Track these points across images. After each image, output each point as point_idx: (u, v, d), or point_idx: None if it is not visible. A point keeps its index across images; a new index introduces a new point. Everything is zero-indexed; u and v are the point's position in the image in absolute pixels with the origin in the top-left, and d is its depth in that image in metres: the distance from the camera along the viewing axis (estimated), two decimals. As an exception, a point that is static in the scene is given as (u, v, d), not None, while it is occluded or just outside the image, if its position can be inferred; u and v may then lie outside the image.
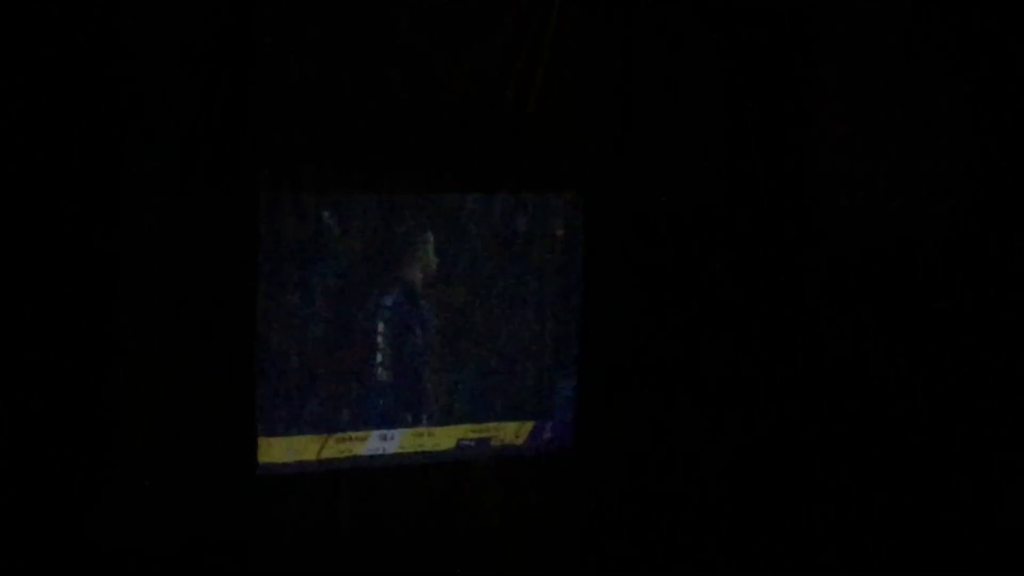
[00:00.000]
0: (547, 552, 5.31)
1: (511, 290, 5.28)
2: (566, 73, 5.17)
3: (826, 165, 5.45)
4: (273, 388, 4.92)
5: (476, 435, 5.27)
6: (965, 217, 5.43)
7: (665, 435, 5.41)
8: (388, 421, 5.13)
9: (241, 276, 4.75)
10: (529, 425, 5.35)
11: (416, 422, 5.19)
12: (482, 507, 5.24)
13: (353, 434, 5.09)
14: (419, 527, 5.15)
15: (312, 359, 4.99)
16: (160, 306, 4.63)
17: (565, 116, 5.20)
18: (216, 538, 4.73)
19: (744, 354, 5.44)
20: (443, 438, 5.24)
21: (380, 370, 5.11)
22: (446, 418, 5.22)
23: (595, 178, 5.31)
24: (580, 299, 5.34)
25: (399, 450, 5.16)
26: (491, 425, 5.29)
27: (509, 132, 5.13)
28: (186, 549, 4.69)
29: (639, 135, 5.31)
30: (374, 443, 5.12)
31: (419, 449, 5.19)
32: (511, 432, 5.33)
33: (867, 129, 5.43)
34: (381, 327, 5.10)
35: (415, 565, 5.11)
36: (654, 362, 5.39)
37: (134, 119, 4.51)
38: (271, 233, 4.85)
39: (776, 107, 5.41)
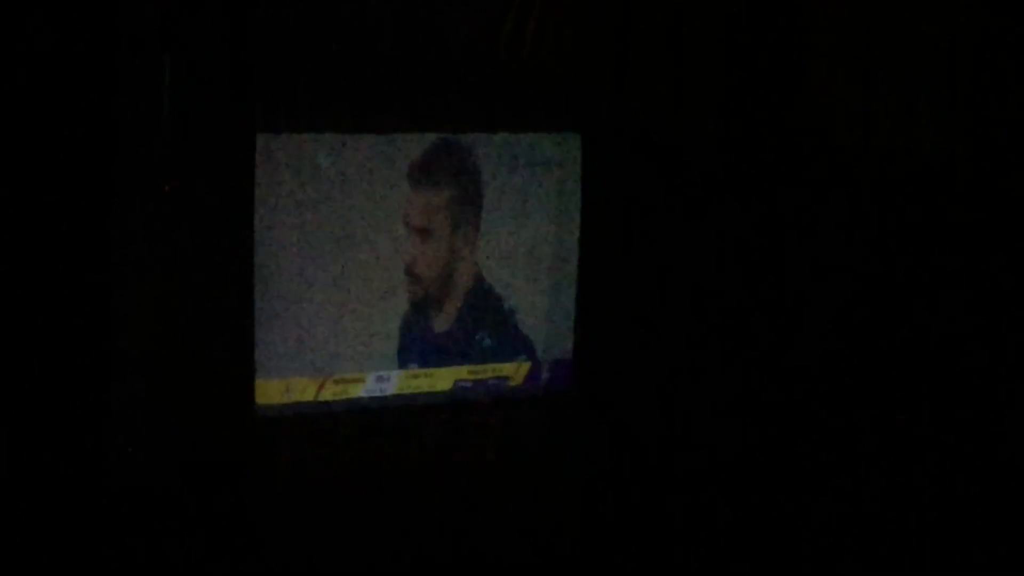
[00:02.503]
0: (545, 493, 5.31)
1: (507, 231, 5.25)
2: (563, 12, 5.14)
3: (826, 100, 5.43)
4: (270, 330, 4.90)
5: (473, 376, 5.27)
6: (966, 151, 5.41)
7: (664, 375, 5.41)
8: (385, 363, 5.12)
9: (238, 217, 4.73)
10: (526, 366, 5.35)
11: (412, 364, 5.18)
12: (479, 448, 5.25)
13: (350, 376, 5.08)
14: (416, 467, 5.15)
15: (308, 300, 4.97)
16: (156, 249, 4.60)
17: (562, 56, 5.17)
18: (214, 480, 4.73)
19: (744, 292, 5.43)
20: (440, 379, 5.23)
21: (377, 311, 5.10)
22: (443, 360, 5.22)
23: (592, 119, 5.27)
24: (577, 241, 5.32)
25: (396, 391, 5.16)
26: (488, 366, 5.29)
27: (505, 72, 5.10)
28: (184, 491, 4.69)
29: (637, 74, 5.28)
30: (371, 385, 5.12)
31: (416, 390, 5.19)
32: (508, 373, 5.32)
33: (867, 62, 5.40)
34: (377, 268, 5.07)
35: (412, 506, 5.12)
36: (653, 302, 5.38)
37: (128, 60, 4.47)
38: (267, 173, 4.82)
39: (775, 44, 5.38)
